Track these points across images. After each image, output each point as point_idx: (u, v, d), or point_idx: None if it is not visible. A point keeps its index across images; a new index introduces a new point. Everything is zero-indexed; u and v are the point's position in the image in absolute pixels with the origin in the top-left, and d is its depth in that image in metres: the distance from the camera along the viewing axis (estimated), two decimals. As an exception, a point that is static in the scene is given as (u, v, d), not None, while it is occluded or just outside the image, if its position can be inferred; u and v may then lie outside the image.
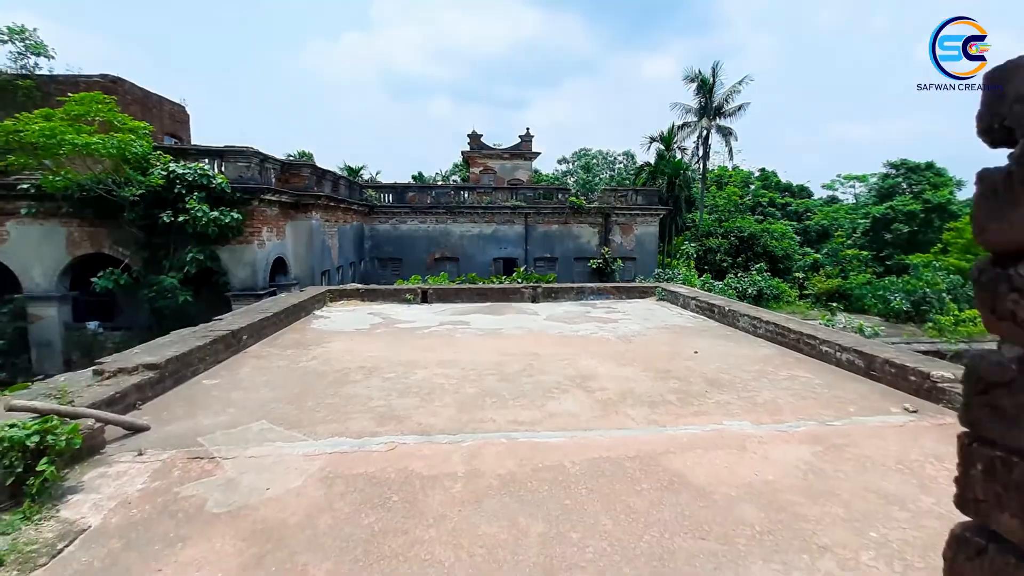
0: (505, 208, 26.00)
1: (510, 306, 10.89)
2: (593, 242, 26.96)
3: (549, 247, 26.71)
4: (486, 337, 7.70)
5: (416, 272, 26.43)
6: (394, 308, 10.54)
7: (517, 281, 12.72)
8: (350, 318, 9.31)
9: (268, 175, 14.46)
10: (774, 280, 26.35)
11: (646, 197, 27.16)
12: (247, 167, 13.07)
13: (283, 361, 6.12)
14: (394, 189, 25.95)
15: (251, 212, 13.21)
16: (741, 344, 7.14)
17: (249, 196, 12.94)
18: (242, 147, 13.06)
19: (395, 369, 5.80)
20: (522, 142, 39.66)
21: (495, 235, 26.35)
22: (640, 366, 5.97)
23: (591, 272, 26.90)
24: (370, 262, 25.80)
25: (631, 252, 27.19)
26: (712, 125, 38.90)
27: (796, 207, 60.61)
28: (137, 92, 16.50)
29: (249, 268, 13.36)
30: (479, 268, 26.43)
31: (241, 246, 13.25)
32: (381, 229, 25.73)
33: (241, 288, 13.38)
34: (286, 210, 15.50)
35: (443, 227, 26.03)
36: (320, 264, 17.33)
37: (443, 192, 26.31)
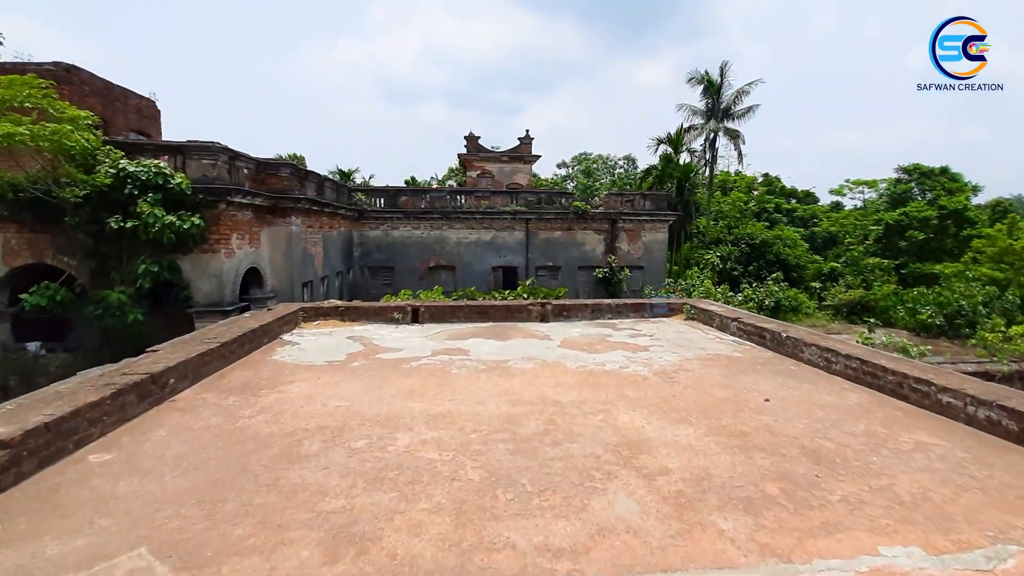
0: (505, 213, 24.57)
1: (516, 327, 9.37)
2: (598, 250, 25.56)
3: (552, 255, 25.27)
4: (491, 374, 6.17)
5: (409, 281, 24.89)
6: (379, 330, 9.00)
7: (523, 297, 11.20)
8: (324, 344, 7.76)
9: (239, 175, 12.93)
10: (792, 290, 24.98)
11: (654, 202, 25.78)
12: (212, 165, 11.54)
13: (218, 417, 4.57)
14: (386, 193, 24.49)
15: (217, 217, 11.67)
16: (819, 386, 5.64)
17: (214, 198, 11.41)
18: (207, 142, 11.55)
19: (368, 431, 4.27)
20: (521, 144, 38.38)
21: (494, 242, 24.91)
22: (702, 423, 4.46)
23: (596, 282, 25.47)
24: (359, 271, 24.29)
25: (639, 260, 25.79)
26: (719, 127, 37.71)
27: (802, 213, 59.56)
28: (96, 83, 14.98)
29: (215, 280, 11.80)
30: (477, 277, 24.97)
31: (205, 255, 11.70)
32: (372, 235, 24.23)
33: (206, 304, 11.82)
34: (261, 214, 13.97)
35: (438, 233, 24.56)
36: (301, 274, 15.77)
37: (438, 196, 24.86)
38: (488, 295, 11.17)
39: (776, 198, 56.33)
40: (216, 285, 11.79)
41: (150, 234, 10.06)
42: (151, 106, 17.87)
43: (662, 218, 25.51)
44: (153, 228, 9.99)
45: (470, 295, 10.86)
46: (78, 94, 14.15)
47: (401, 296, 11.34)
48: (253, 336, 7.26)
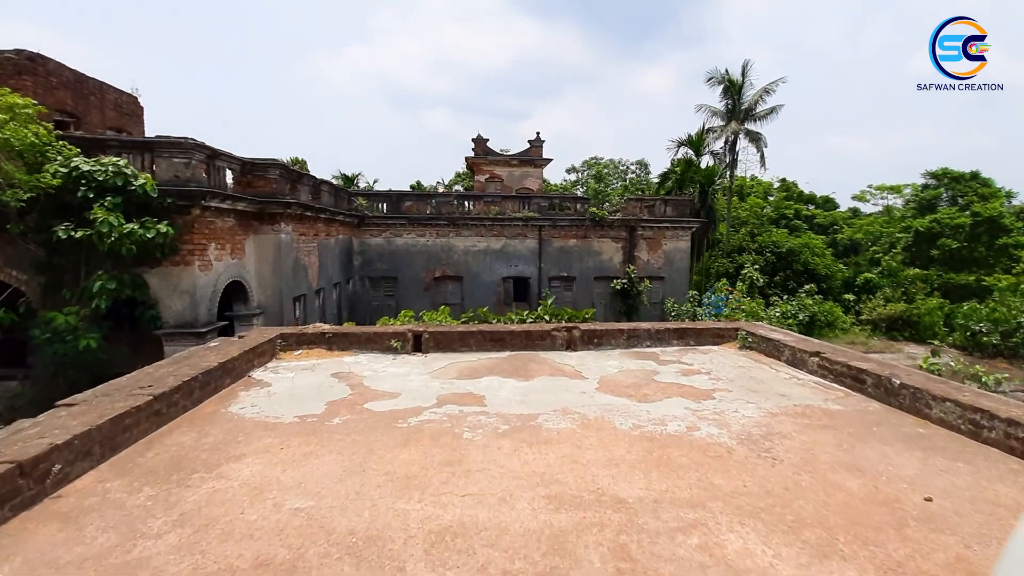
0: (516, 220, 23.04)
1: (539, 358, 7.80)
2: (616, 259, 23.96)
3: (566, 265, 23.70)
4: (516, 439, 4.60)
5: (413, 292, 23.38)
6: (373, 363, 7.45)
7: (543, 319, 9.63)
8: (301, 386, 6.22)
9: (219, 176, 11.45)
10: (826, 303, 23.27)
11: (676, 208, 24.19)
12: (186, 164, 10.08)
13: (108, 536, 3.02)
14: (388, 198, 23.05)
15: (190, 224, 10.19)
16: (979, 468, 4.03)
17: (186, 203, 9.95)
18: (178, 138, 10.10)
19: (336, 570, 2.69)
20: (531, 147, 36.93)
21: (504, 251, 23.37)
22: (859, 556, 2.85)
23: (613, 294, 23.87)
24: (360, 282, 22.80)
25: (659, 271, 24.17)
26: (741, 129, 36.06)
27: (822, 220, 57.72)
28: (66, 74, 13.62)
29: (187, 297, 10.29)
30: (486, 288, 23.43)
31: (176, 268, 10.21)
32: (373, 243, 22.77)
33: (177, 324, 10.32)
34: (246, 221, 12.49)
35: (445, 241, 23.06)
36: (292, 288, 14.27)
37: (445, 201, 23.37)
38: (503, 317, 9.59)
39: (795, 204, 54.58)
40: (189, 303, 10.32)
41: (105, 245, 8.59)
42: (133, 102, 16.53)
43: (684, 225, 23.90)
44: (109, 238, 8.53)
45: (482, 317, 9.29)
46: (43, 86, 12.81)
47: (401, 318, 9.78)
48: (209, 378, 5.72)
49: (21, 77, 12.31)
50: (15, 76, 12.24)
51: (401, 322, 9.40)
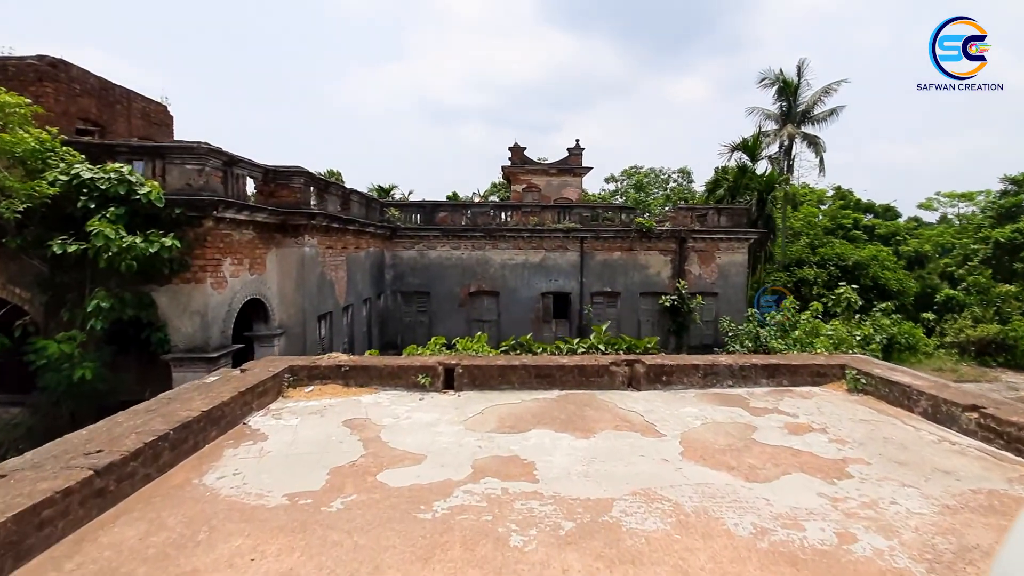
0: (556, 231, 21.67)
1: (597, 402, 6.37)
2: (664, 273, 22.23)
3: (610, 279, 22.12)
4: (586, 552, 3.20)
5: (447, 308, 22.26)
6: (395, 405, 6.20)
7: (598, 349, 8.17)
8: (303, 440, 5.00)
9: (239, 185, 10.56)
10: (906, 324, 20.85)
11: (732, 217, 22.31)
12: (199, 171, 9.18)
13: None
14: (422, 208, 22.08)
15: (202, 236, 9.27)
16: None
17: (197, 213, 9.02)
18: (190, 142, 9.24)
19: None
20: (570, 155, 35.63)
21: (543, 264, 22.00)
22: None
23: (662, 311, 22.12)
24: (391, 296, 21.83)
25: (712, 286, 22.29)
26: (797, 133, 33.75)
27: (883, 230, 54.01)
28: (91, 81, 13.15)
29: (198, 318, 9.34)
30: (523, 304, 22.09)
31: (187, 286, 9.29)
32: (405, 256, 21.80)
33: (186, 348, 9.38)
34: (268, 233, 11.57)
35: (480, 254, 21.87)
36: (317, 305, 13.27)
37: (481, 211, 22.23)
38: (550, 346, 8.16)
39: (854, 213, 51.21)
40: (200, 324, 9.39)
41: (102, 260, 7.71)
42: (162, 111, 16.12)
43: (740, 236, 21.99)
44: (106, 252, 7.64)
45: (527, 345, 7.91)
46: (66, 93, 12.32)
47: (431, 346, 8.50)
48: (186, 433, 4.55)
49: (42, 83, 11.85)
50: (36, 83, 11.79)
51: (431, 351, 8.13)
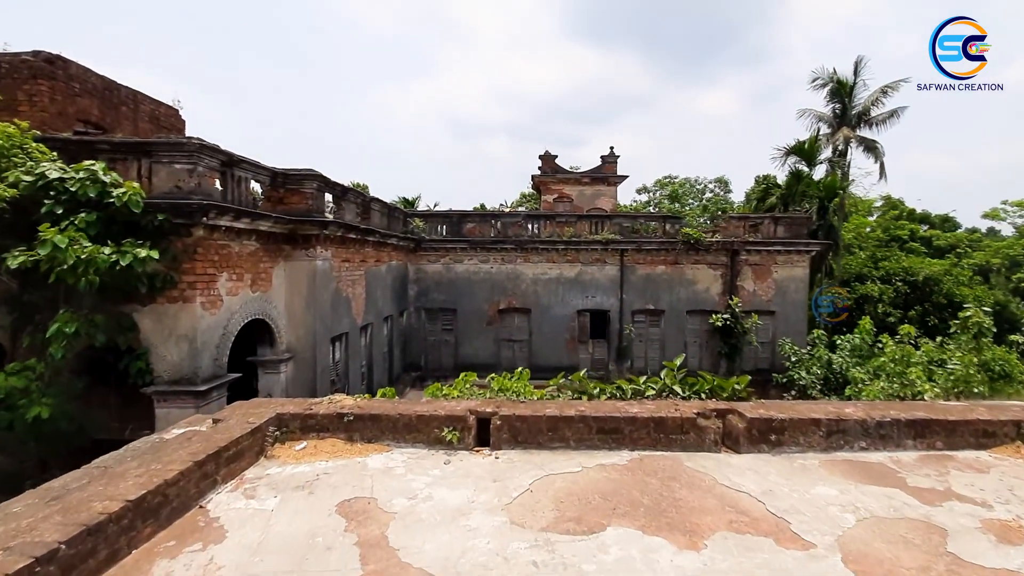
0: (594, 243, 20.00)
1: (687, 474, 4.66)
2: (714, 289, 20.27)
3: (653, 296, 20.28)
4: None
5: (475, 327, 20.69)
6: (412, 477, 4.61)
7: (673, 392, 6.44)
8: (275, 544, 3.44)
9: (240, 189, 9.25)
10: (998, 349, 18.37)
11: (790, 227, 20.25)
12: (190, 172, 7.87)
13: None
14: (448, 218, 20.71)
15: (191, 248, 7.93)
16: None
17: (185, 221, 7.69)
18: (180, 138, 7.97)
19: None
20: (604, 164, 33.97)
21: (579, 279, 20.32)
22: None
23: (711, 331, 20.12)
24: (415, 314, 20.42)
25: (768, 304, 20.22)
26: (853, 137, 31.29)
27: (943, 242, 50.46)
28: (93, 80, 12.19)
29: (185, 345, 7.98)
30: (557, 323, 20.39)
31: (173, 306, 7.94)
32: (430, 270, 20.41)
33: (172, 379, 8.01)
34: (274, 245, 10.23)
35: (511, 268, 20.32)
36: (331, 325, 11.87)
37: (512, 221, 20.71)
38: (610, 387, 6.43)
39: (910, 223, 47.99)
40: (188, 351, 8.04)
41: (53, 274, 6.40)
42: (172, 115, 15.18)
43: (801, 248, 19.88)
44: (62, 266, 6.31)
45: (581, 386, 6.18)
46: (63, 92, 11.35)
47: (458, 385, 6.89)
48: (97, 540, 3.03)
49: (37, 81, 10.91)
50: (30, 80, 10.85)
51: (458, 391, 6.54)
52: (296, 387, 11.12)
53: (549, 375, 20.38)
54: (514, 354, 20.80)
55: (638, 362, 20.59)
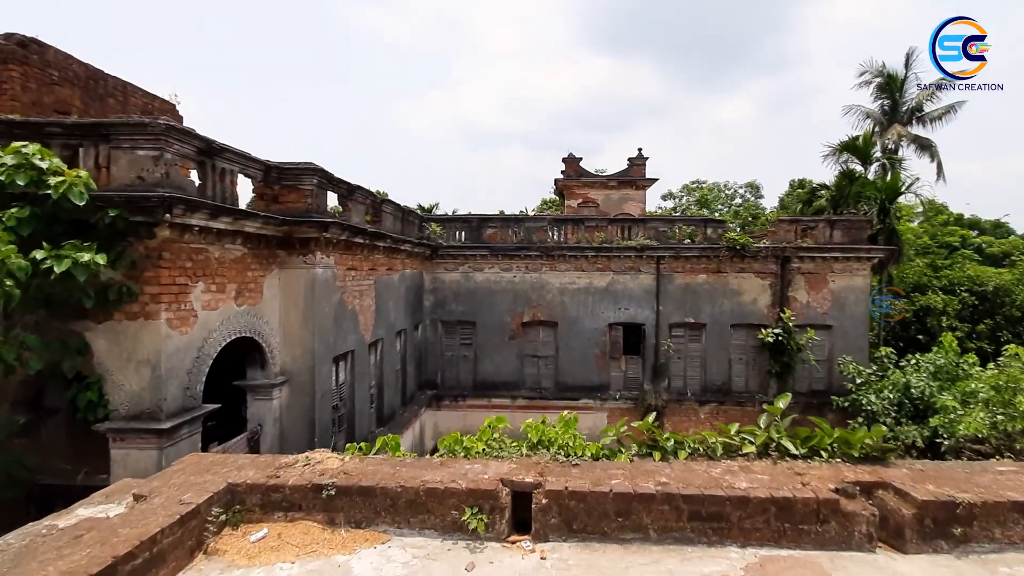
0: (627, 250, 18.32)
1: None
2: (762, 301, 18.39)
3: (693, 307, 18.49)
4: None
5: (496, 341, 19.09)
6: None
7: (782, 449, 4.70)
8: None
9: (223, 184, 7.86)
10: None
11: (848, 232, 18.33)
12: (155, 159, 6.48)
13: None
14: (468, 223, 19.24)
15: (155, 252, 6.51)
16: None
17: (145, 219, 6.27)
18: (142, 119, 6.59)
19: None
20: (632, 166, 32.32)
21: (611, 289, 18.63)
22: None
23: (759, 348, 18.25)
24: (431, 327, 18.94)
25: (824, 317, 18.28)
26: (904, 135, 29.06)
27: (995, 248, 47.38)
28: (75, 68, 11.03)
29: (146, 371, 6.55)
30: (586, 337, 18.71)
31: (132, 324, 6.51)
32: (447, 279, 18.94)
33: (131, 412, 6.59)
34: (266, 250, 8.81)
35: (536, 277, 18.75)
36: (334, 343, 10.42)
37: (537, 226, 19.16)
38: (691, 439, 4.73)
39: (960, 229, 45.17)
40: (150, 379, 6.62)
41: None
42: (168, 110, 13.98)
43: (861, 255, 17.89)
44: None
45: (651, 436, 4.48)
46: (37, 79, 10.19)
47: (483, 435, 5.20)
48: None
49: (7, 66, 9.77)
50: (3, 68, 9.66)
51: (483, 444, 4.92)
52: (292, 415, 9.65)
53: (577, 395, 18.74)
54: (539, 371, 19.13)
55: (676, 381, 18.75)
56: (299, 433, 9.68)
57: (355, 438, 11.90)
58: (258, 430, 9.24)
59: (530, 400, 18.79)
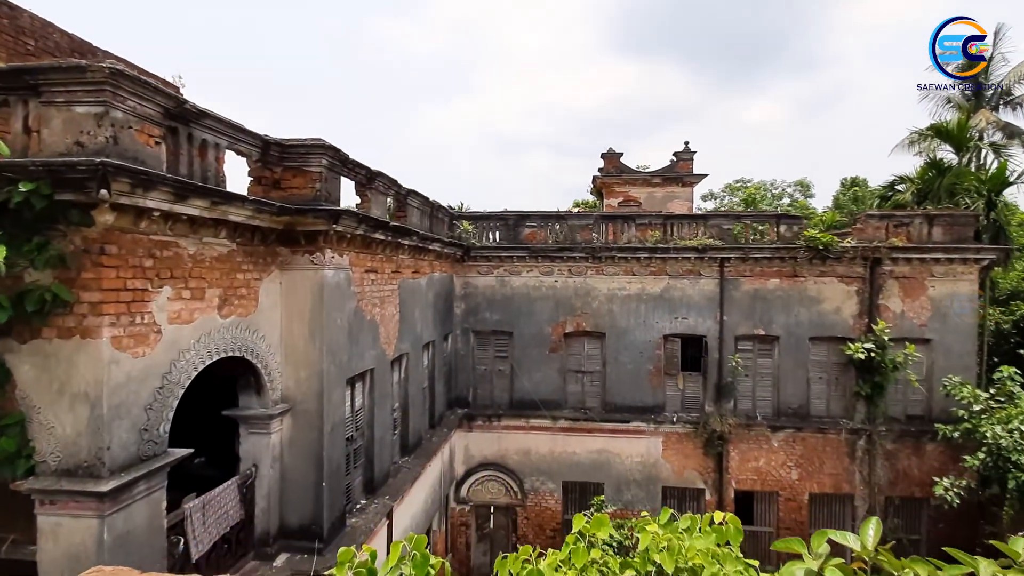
0: (685, 250, 16.15)
1: None
2: (846, 310, 15.99)
3: (764, 317, 16.17)
4: None
5: (535, 354, 17.01)
6: None
7: None
8: None
9: (204, 161, 6.14)
10: None
11: (950, 228, 15.76)
12: (98, 119, 4.76)
13: None
14: (503, 221, 17.36)
15: (95, 245, 4.76)
16: None
17: (75, 197, 4.53)
18: (79, 62, 4.88)
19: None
20: (678, 162, 30.02)
21: (666, 296, 16.47)
22: None
23: (843, 365, 15.87)
24: (462, 337, 17.10)
25: (922, 331, 15.78)
26: (993, 121, 25.94)
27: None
28: (55, 38, 9.56)
29: (84, 408, 4.80)
30: (638, 350, 16.59)
31: (67, 343, 4.77)
32: (480, 284, 17.08)
33: (63, 466, 4.84)
34: (261, 246, 7.03)
35: (580, 282, 16.75)
36: (348, 361, 8.60)
37: (581, 224, 17.16)
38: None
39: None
40: (89, 420, 4.89)
41: None
42: (169, 93, 12.55)
43: (968, 256, 15.28)
44: None
45: None
46: (10, 49, 8.74)
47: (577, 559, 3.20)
48: None
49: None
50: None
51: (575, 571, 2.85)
52: (295, 453, 7.86)
53: (627, 416, 16.41)
54: (583, 389, 17.06)
55: (743, 402, 16.43)
56: (304, 475, 7.88)
57: (374, 474, 10.07)
58: (252, 473, 7.47)
59: (573, 422, 16.74)
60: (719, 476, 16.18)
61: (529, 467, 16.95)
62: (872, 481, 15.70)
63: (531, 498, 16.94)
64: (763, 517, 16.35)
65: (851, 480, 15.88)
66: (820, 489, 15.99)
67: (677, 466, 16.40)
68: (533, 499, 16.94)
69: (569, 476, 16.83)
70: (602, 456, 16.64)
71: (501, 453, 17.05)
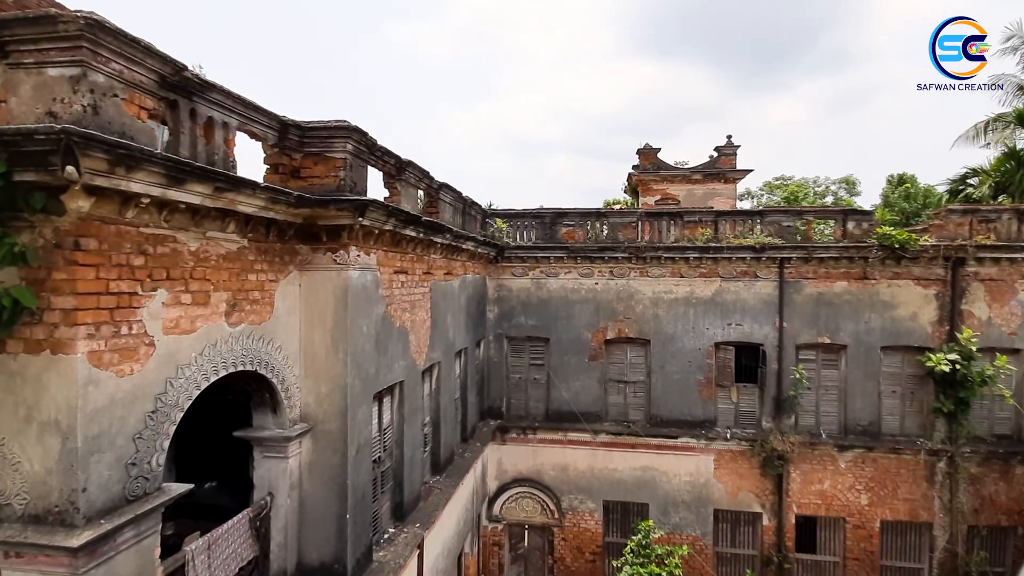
0: (741, 250, 14.84)
1: None
2: (923, 316, 14.43)
3: (829, 324, 14.74)
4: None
5: (573, 363, 15.80)
6: None
7: None
8: None
9: (211, 143, 5.23)
10: None
11: (1046, 225, 14.00)
12: (74, 83, 3.87)
13: None
14: (539, 219, 16.31)
15: (67, 239, 3.84)
16: None
17: (38, 178, 3.62)
18: (49, 12, 4.01)
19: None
20: (720, 157, 28.57)
21: (718, 300, 15.17)
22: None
23: (920, 378, 14.33)
24: (495, 344, 16.09)
25: (1012, 340, 14.20)
26: (1074, 111, 23.71)
27: None
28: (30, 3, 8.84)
29: (55, 440, 3.86)
30: (686, 359, 15.32)
31: (34, 360, 3.85)
32: (515, 287, 16.05)
33: (31, 511, 3.90)
34: (280, 244, 6.11)
35: (622, 284, 15.58)
36: (376, 374, 7.64)
37: (623, 222, 15.99)
38: None
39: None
40: (60, 454, 4.03)
41: None
42: (188, 82, 11.90)
43: (1068, 256, 13.55)
44: None
45: None
46: None
47: None
48: None
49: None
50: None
51: None
52: (316, 479, 6.93)
53: (675, 431, 14.81)
54: (625, 400, 15.84)
55: (806, 418, 14.97)
56: (326, 505, 6.94)
57: (403, 498, 9.09)
58: (267, 503, 6.56)
59: (615, 436, 15.53)
60: (778, 499, 14.75)
61: (567, 484, 15.81)
62: (954, 508, 14.08)
63: (569, 518, 15.79)
64: (827, 546, 14.85)
65: (929, 507, 14.28)
66: (893, 516, 14.43)
67: (731, 487, 15.03)
68: (571, 519, 15.79)
69: (610, 495, 15.62)
70: (647, 474, 15.38)
71: (536, 468, 15.94)
